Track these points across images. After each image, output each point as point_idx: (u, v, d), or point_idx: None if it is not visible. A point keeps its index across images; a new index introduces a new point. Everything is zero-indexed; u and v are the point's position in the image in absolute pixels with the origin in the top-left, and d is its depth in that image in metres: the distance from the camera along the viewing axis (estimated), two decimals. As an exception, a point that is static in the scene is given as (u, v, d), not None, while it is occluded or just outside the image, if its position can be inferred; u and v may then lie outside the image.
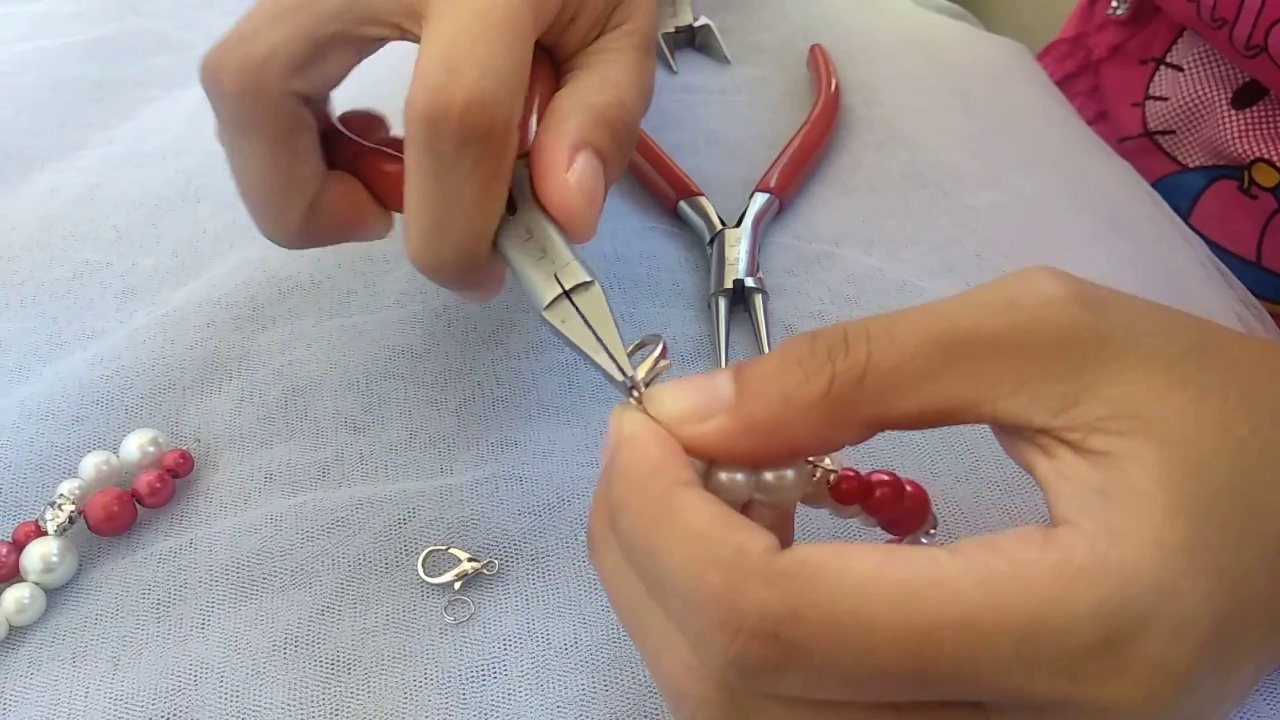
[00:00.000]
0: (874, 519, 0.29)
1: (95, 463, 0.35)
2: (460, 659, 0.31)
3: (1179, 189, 0.53)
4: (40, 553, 0.33)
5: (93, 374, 0.38)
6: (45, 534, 0.33)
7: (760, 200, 0.44)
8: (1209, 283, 0.45)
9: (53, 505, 0.34)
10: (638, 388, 0.27)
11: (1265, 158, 0.49)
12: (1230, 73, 0.51)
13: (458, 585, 0.33)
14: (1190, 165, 0.53)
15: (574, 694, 0.31)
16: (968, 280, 0.42)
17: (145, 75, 0.53)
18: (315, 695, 0.31)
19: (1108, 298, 0.24)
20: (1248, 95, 0.50)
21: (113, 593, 0.33)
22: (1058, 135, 0.51)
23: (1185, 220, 0.48)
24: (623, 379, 0.27)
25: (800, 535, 0.31)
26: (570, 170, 0.30)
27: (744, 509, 0.25)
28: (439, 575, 0.33)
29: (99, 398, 0.38)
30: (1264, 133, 0.49)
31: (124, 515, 0.34)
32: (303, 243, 0.33)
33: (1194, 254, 0.46)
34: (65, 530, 0.34)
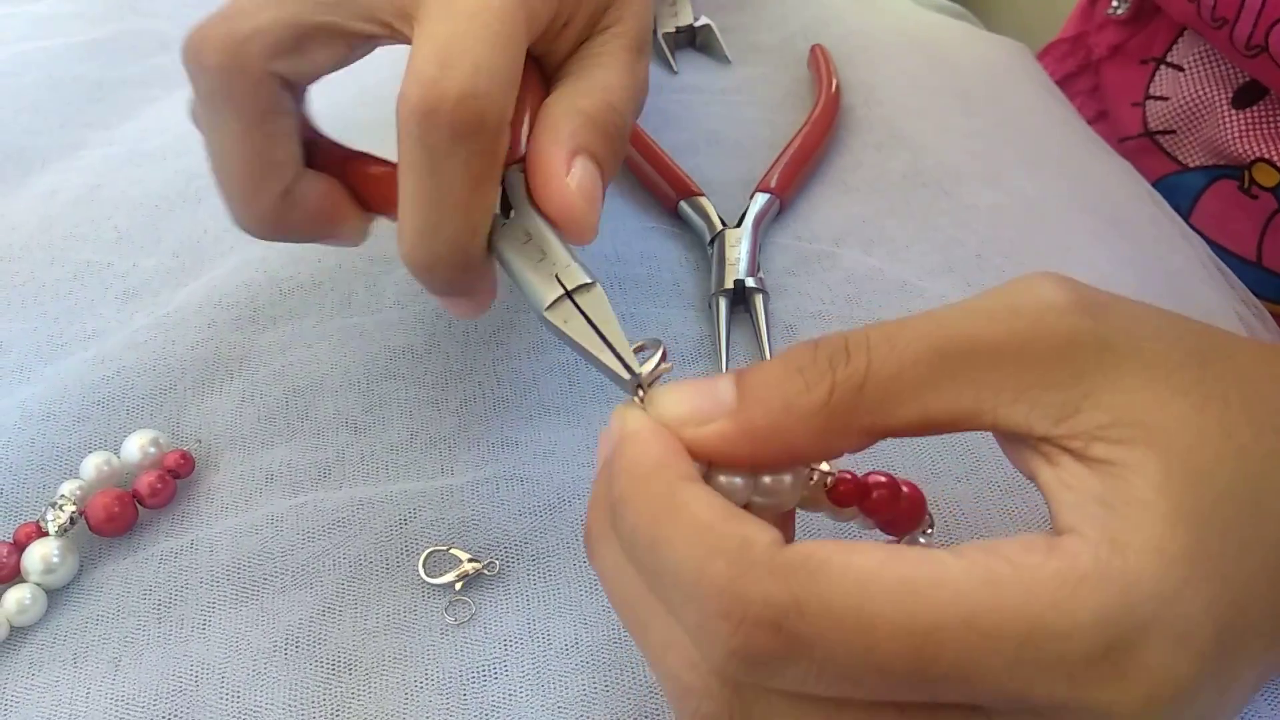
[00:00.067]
0: (871, 520, 0.29)
1: (96, 463, 0.35)
2: (461, 660, 0.32)
3: (1179, 189, 0.53)
4: (41, 553, 0.33)
5: (94, 375, 0.38)
6: (46, 534, 0.33)
7: (761, 200, 0.44)
8: (1210, 283, 0.45)
9: (54, 506, 0.34)
10: (643, 385, 0.27)
11: (1266, 157, 0.49)
12: (1231, 72, 0.51)
13: (458, 586, 0.33)
14: (1190, 165, 0.53)
15: (575, 695, 0.31)
16: (968, 280, 0.42)
17: (146, 75, 0.53)
18: (316, 696, 0.31)
19: (1109, 304, 0.24)
20: (1248, 95, 0.50)
21: (114, 593, 0.33)
22: (1058, 135, 0.51)
23: (1185, 220, 0.48)
24: (628, 377, 0.27)
25: (799, 536, 0.31)
26: (569, 175, 0.30)
27: None
28: (440, 576, 0.33)
29: (100, 398, 0.38)
30: (1264, 132, 0.49)
31: (125, 516, 0.34)
32: (273, 232, 0.33)
33: (1195, 254, 0.46)
34: (66, 531, 0.34)
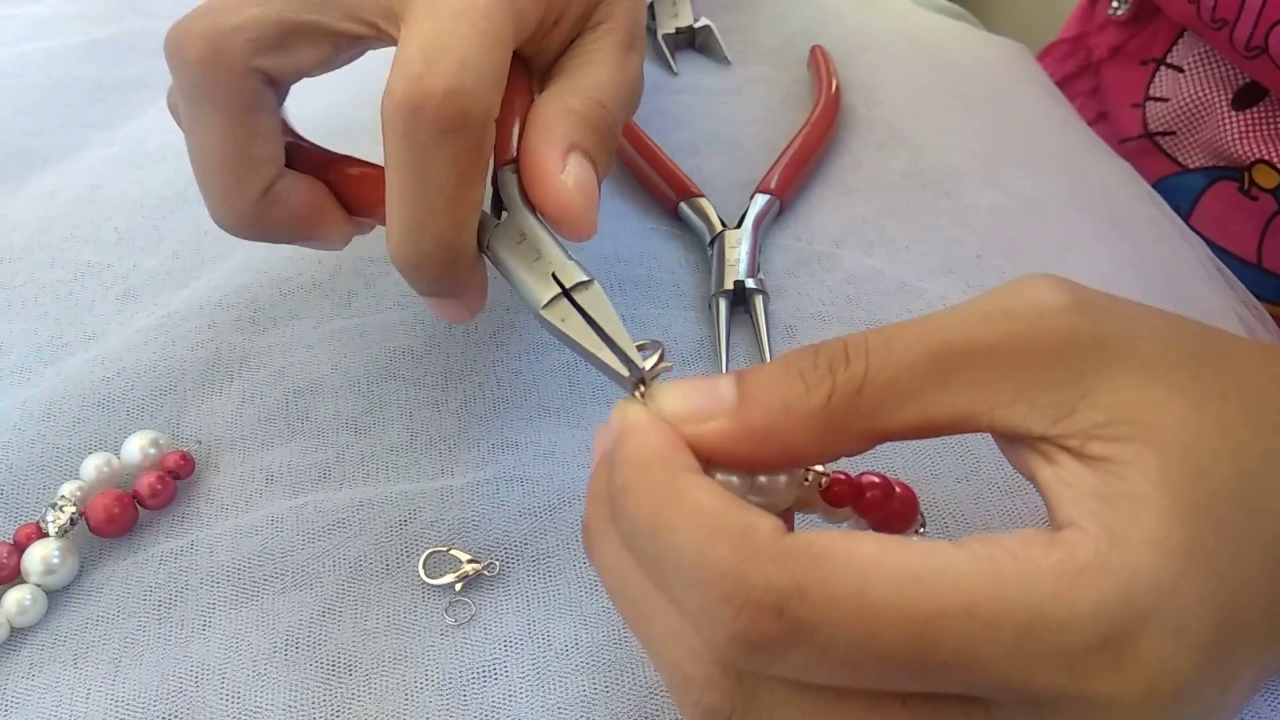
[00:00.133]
0: (864, 521, 0.29)
1: (96, 464, 0.35)
2: (461, 661, 0.32)
3: (1179, 190, 0.53)
4: (41, 554, 0.33)
5: (94, 375, 0.38)
6: (46, 535, 0.33)
7: (761, 201, 0.44)
8: (1209, 283, 0.45)
9: (54, 507, 0.34)
10: (645, 380, 0.27)
11: (1265, 159, 0.49)
12: (1231, 74, 0.51)
13: (459, 587, 0.33)
14: (1190, 166, 0.53)
15: (575, 696, 0.31)
16: (968, 281, 0.42)
17: (146, 76, 0.53)
18: (316, 697, 0.31)
19: (1105, 304, 0.24)
20: (1248, 96, 0.50)
21: (114, 594, 0.33)
22: (1058, 136, 0.51)
23: (1185, 222, 0.48)
24: (628, 374, 0.27)
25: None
26: (565, 172, 0.30)
27: None
28: (440, 577, 0.33)
29: (100, 399, 0.38)
30: (1264, 134, 0.49)
31: (125, 517, 0.34)
32: (254, 231, 0.33)
33: (1194, 255, 0.46)
34: (66, 532, 0.34)
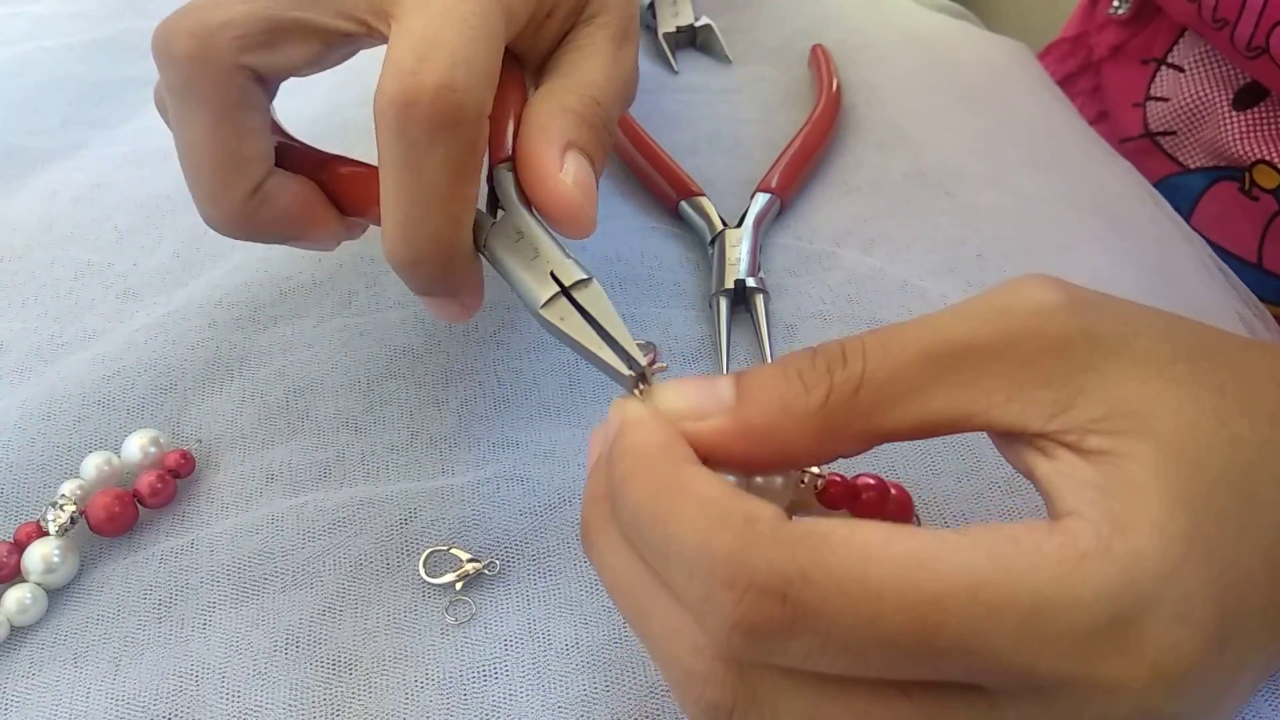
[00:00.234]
0: None
1: (96, 463, 0.35)
2: (461, 660, 0.32)
3: (1180, 190, 0.53)
4: (42, 553, 0.33)
5: (94, 374, 0.38)
6: (47, 534, 0.33)
7: (761, 200, 0.44)
8: (1210, 283, 0.45)
9: (54, 505, 0.34)
10: (645, 377, 0.27)
11: (1266, 159, 0.49)
12: (1231, 74, 0.51)
13: (459, 586, 0.33)
14: (1191, 166, 0.53)
15: (575, 695, 0.31)
16: (969, 280, 0.42)
17: (146, 75, 0.52)
18: (316, 696, 0.31)
19: (1100, 302, 0.24)
20: (1249, 96, 0.50)
21: (114, 593, 0.33)
22: (1059, 135, 0.51)
23: (1186, 221, 0.48)
24: (628, 372, 0.27)
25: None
26: (563, 170, 0.30)
27: None
28: (440, 576, 0.33)
29: (100, 398, 0.38)
30: (1265, 134, 0.49)
31: (125, 516, 0.34)
32: (243, 231, 0.32)
33: (1195, 254, 0.46)
34: (67, 530, 0.34)
